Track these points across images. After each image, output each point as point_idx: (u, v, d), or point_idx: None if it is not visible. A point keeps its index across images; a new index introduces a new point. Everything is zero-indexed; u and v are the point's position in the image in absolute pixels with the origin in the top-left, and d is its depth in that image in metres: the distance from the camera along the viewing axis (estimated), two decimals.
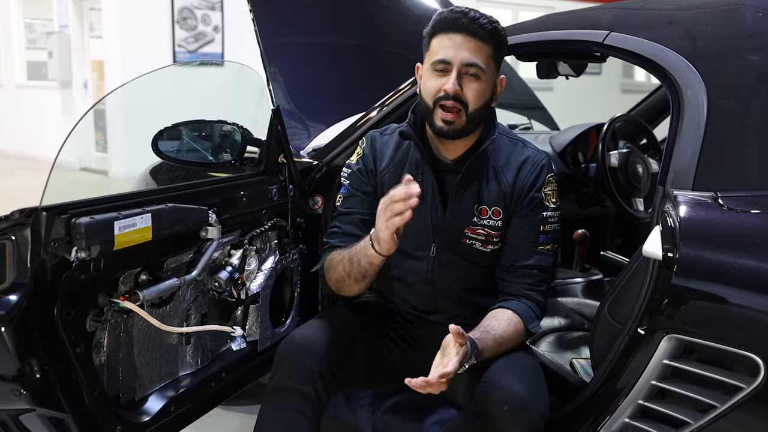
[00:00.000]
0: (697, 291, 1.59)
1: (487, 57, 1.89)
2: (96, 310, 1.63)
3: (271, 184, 2.21)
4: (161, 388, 1.90)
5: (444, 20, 1.90)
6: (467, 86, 1.89)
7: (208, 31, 8.98)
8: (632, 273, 1.87)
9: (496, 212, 1.99)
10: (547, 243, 2.00)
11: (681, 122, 1.76)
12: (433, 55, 1.90)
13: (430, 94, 1.91)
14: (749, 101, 1.73)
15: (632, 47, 1.91)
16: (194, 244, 1.89)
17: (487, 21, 1.89)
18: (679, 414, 1.65)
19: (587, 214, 3.22)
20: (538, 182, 1.99)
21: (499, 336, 1.86)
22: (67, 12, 9.93)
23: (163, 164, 2.53)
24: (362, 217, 2.06)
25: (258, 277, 2.18)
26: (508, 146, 2.03)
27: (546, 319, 2.67)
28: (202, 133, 2.26)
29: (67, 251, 1.49)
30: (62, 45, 9.86)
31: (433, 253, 2.04)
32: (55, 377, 1.52)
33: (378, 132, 2.13)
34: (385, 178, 2.05)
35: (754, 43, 1.79)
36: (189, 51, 8.85)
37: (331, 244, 2.06)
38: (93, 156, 9.47)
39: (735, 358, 1.54)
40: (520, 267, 1.99)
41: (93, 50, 9.98)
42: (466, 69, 1.88)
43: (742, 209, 1.60)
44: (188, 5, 8.78)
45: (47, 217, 1.45)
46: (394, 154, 2.06)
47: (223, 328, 1.98)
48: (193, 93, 2.70)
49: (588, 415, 1.86)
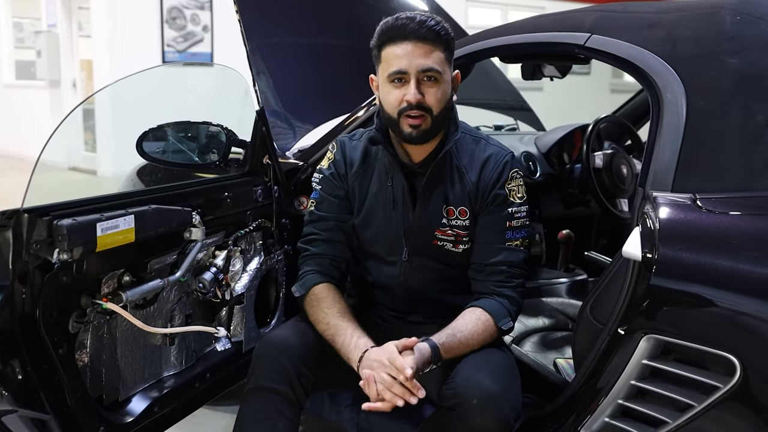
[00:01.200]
0: (675, 292, 1.60)
1: (440, 59, 1.89)
2: (79, 312, 1.64)
3: (255, 185, 2.22)
4: (145, 389, 1.90)
5: (391, 29, 1.88)
6: (428, 92, 1.88)
7: (197, 30, 8.97)
8: (613, 273, 1.89)
9: (463, 212, 2.00)
10: (515, 239, 2.00)
11: (660, 124, 1.78)
12: (388, 67, 1.89)
13: (393, 107, 1.91)
14: (728, 103, 1.75)
15: (613, 50, 1.93)
16: (178, 245, 1.90)
17: (434, 22, 1.88)
18: (657, 413, 1.66)
19: (572, 215, 3.24)
20: (502, 179, 1.99)
21: (464, 337, 1.88)
22: (56, 11, 9.89)
23: (150, 165, 2.54)
24: (338, 222, 2.07)
25: (243, 278, 2.19)
26: (471, 145, 2.03)
27: (530, 319, 2.70)
28: (187, 134, 2.26)
29: (49, 253, 1.50)
30: (51, 44, 9.83)
31: (405, 257, 2.04)
32: (37, 378, 1.53)
33: (347, 137, 2.13)
34: (355, 183, 2.06)
35: (733, 47, 1.81)
36: (178, 51, 8.84)
37: (310, 251, 2.07)
38: (82, 155, 9.46)
39: (712, 357, 1.55)
40: (489, 265, 2.00)
41: (82, 49, 9.95)
42: (423, 75, 1.87)
43: (719, 210, 1.62)
44: (177, 5, 8.77)
45: (29, 218, 1.46)
46: (363, 159, 2.06)
47: (206, 329, 1.99)
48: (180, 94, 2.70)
49: (569, 414, 1.87)
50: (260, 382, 1.86)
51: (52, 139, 1.73)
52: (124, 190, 2.73)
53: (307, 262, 2.08)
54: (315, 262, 2.06)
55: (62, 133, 2.76)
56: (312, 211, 2.10)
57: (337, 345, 1.91)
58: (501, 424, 1.73)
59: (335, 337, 1.92)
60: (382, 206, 2.03)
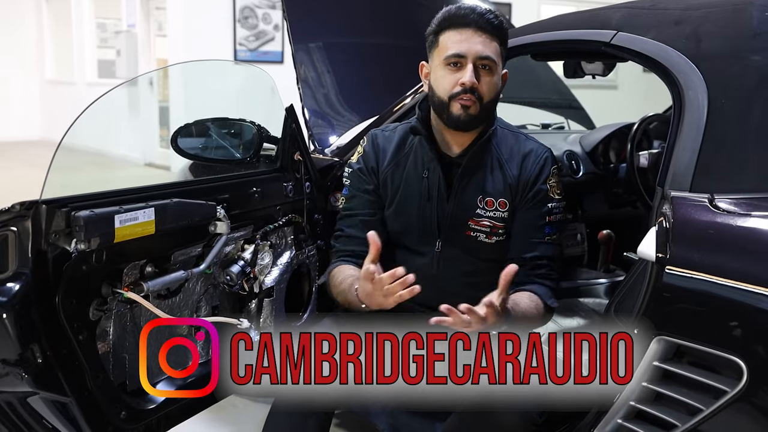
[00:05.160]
0: (686, 293, 1.58)
1: (496, 51, 1.91)
2: (99, 300, 1.71)
3: (286, 181, 2.26)
4: (170, 377, 1.96)
5: (453, 16, 1.91)
6: (482, 79, 1.90)
7: (268, 29, 9.11)
8: (637, 274, 1.87)
9: (503, 204, 2.00)
10: (553, 234, 2.01)
11: (681, 123, 1.74)
12: (445, 51, 1.91)
13: (446, 90, 1.92)
14: (749, 102, 1.71)
15: (638, 47, 1.89)
16: (203, 238, 1.95)
17: (494, 16, 1.91)
18: (668, 417, 1.64)
19: (618, 215, 3.18)
20: (543, 174, 2.00)
21: (522, 310, 1.88)
22: (135, 11, 10.20)
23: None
24: (363, 218, 2.08)
25: (273, 272, 2.23)
26: (510, 139, 2.04)
27: (565, 318, 2.67)
28: (221, 130, 2.32)
29: (67, 243, 1.57)
30: (129, 44, 10.14)
31: (438, 249, 2.06)
32: (57, 362, 1.60)
33: (379, 130, 2.14)
34: (387, 174, 2.07)
35: (758, 44, 1.76)
36: (250, 49, 9.01)
37: (336, 247, 2.10)
38: (157, 152, 9.73)
39: (721, 361, 1.52)
40: (529, 259, 2.00)
41: (159, 49, 10.24)
42: (480, 62, 1.89)
43: (736, 211, 1.58)
44: (249, 4, 8.93)
45: (47, 210, 1.53)
46: (397, 150, 2.08)
47: (228, 320, 2.03)
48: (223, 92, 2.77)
49: (586, 414, 1.86)
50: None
51: (109, 133, 1.80)
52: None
53: (333, 258, 2.11)
54: (339, 256, 2.08)
55: (138, 130, 2.85)
56: (342, 208, 2.14)
57: (348, 298, 1.92)
58: (526, 422, 1.74)
59: (346, 292, 1.93)
60: (418, 197, 2.04)
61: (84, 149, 11.04)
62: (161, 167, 9.47)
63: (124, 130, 9.91)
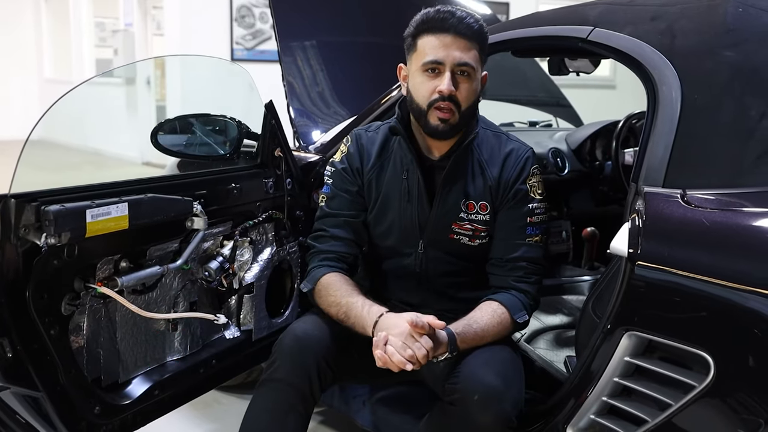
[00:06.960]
0: (657, 288, 1.58)
1: (475, 57, 1.90)
2: (71, 295, 1.70)
3: (266, 177, 2.26)
4: (146, 373, 1.95)
5: (432, 20, 1.89)
6: (460, 86, 1.90)
7: (265, 28, 9.10)
8: (613, 270, 1.87)
9: (483, 206, 2.00)
10: (534, 235, 2.00)
11: (655, 119, 1.75)
12: (423, 56, 1.90)
13: (424, 97, 1.92)
14: (722, 98, 1.71)
15: (614, 43, 1.90)
16: (180, 233, 1.95)
17: (473, 20, 1.90)
18: (639, 412, 1.64)
19: (604, 213, 3.18)
20: (523, 174, 1.99)
21: (481, 328, 1.88)
22: (132, 10, 10.22)
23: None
24: (347, 219, 2.08)
25: (253, 268, 2.23)
26: (491, 140, 2.04)
27: (548, 316, 2.68)
28: (201, 126, 2.31)
29: (37, 237, 1.56)
30: (127, 43, 10.17)
31: (420, 250, 2.06)
32: (27, 357, 1.60)
33: (363, 129, 2.14)
34: (372, 177, 2.07)
35: (731, 39, 1.76)
36: (247, 48, 9.00)
37: (317, 248, 2.09)
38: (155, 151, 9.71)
39: (689, 356, 1.52)
40: (509, 260, 2.00)
41: (156, 48, 10.24)
42: (458, 69, 1.88)
43: (707, 207, 1.58)
44: (246, 3, 8.92)
45: (16, 203, 1.53)
46: (380, 151, 2.07)
47: (205, 316, 2.02)
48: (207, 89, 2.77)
49: (561, 410, 1.86)
50: (278, 374, 1.87)
51: (107, 132, 1.81)
52: None
53: (313, 258, 2.09)
54: (321, 258, 2.07)
55: (135, 129, 2.83)
56: (322, 207, 2.12)
57: (350, 320, 1.90)
58: (502, 420, 1.74)
59: (348, 313, 1.90)
60: (397, 198, 2.04)
61: (83, 149, 11.10)
62: (158, 166, 9.47)
63: (121, 129, 9.93)
